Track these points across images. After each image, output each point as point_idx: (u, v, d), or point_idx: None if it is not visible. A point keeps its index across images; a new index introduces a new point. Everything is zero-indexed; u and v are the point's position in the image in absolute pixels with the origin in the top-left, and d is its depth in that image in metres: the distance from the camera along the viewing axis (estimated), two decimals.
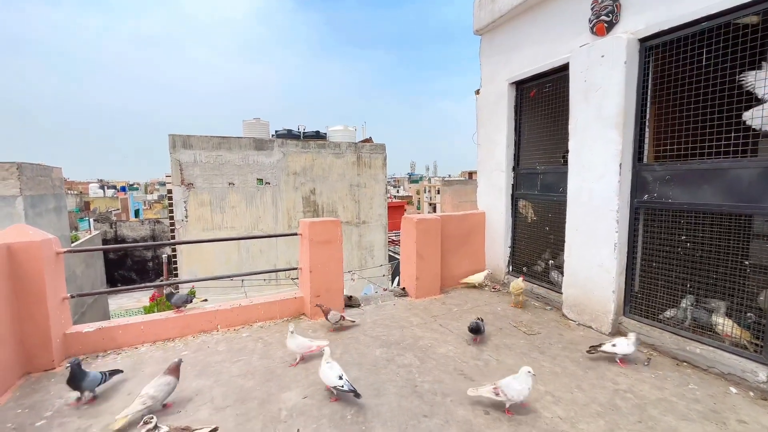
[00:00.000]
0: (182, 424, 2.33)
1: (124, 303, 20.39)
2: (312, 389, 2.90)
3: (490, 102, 5.57)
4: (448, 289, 5.35)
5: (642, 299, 3.77)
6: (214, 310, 3.99)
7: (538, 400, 2.77)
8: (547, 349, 3.58)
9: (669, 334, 3.45)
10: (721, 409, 2.66)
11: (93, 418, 2.55)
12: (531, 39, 4.82)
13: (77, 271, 13.71)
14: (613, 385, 2.96)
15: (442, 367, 3.24)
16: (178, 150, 12.40)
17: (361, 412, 2.63)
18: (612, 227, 3.76)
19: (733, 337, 3.10)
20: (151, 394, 2.49)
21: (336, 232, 4.38)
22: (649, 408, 2.67)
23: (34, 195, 11.53)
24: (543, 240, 5.06)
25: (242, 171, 13.30)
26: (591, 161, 3.96)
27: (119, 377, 3.01)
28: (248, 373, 3.13)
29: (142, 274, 25.92)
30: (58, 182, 13.97)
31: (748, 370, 2.90)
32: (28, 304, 3.07)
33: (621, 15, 3.71)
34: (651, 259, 3.74)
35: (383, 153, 15.79)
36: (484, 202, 5.81)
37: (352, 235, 15.17)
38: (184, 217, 12.63)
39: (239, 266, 13.29)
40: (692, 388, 2.91)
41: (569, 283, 4.31)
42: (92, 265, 15.97)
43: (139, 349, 3.55)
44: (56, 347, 3.21)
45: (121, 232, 27.08)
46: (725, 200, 3.12)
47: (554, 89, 4.66)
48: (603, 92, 3.77)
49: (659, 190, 3.56)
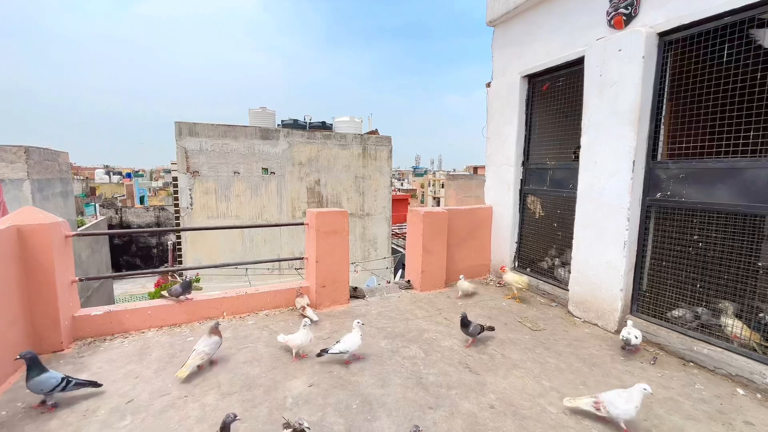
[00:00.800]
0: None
1: (129, 288, 20.60)
2: (318, 378, 2.91)
3: (501, 95, 5.49)
4: (453, 283, 5.34)
5: (650, 298, 3.74)
6: (221, 298, 4.01)
7: (543, 396, 2.76)
8: (552, 345, 3.58)
9: (676, 334, 3.43)
10: (728, 410, 2.64)
11: (100, 400, 2.58)
12: (546, 31, 4.72)
13: (83, 255, 13.85)
14: (619, 383, 2.95)
15: (447, 360, 3.24)
16: (184, 137, 12.40)
17: (367, 402, 2.64)
18: (622, 225, 3.72)
19: (741, 339, 3.07)
20: (206, 351, 2.93)
21: (343, 223, 4.37)
22: (655, 407, 2.66)
23: (41, 179, 11.61)
24: (550, 236, 5.03)
25: (248, 160, 13.29)
26: (604, 158, 3.90)
27: (93, 391, 2.62)
28: (254, 360, 3.15)
29: (147, 261, 26.12)
30: (65, 167, 14.05)
31: (756, 372, 2.88)
32: (38, 286, 3.09)
33: (640, 8, 3.61)
34: (661, 258, 3.71)
35: (389, 145, 15.71)
36: (492, 197, 5.77)
37: (356, 226, 15.18)
38: (189, 205, 12.67)
39: (243, 256, 13.37)
40: (699, 388, 2.89)
41: (576, 280, 4.28)
42: (98, 251, 16.13)
43: (146, 334, 3.57)
44: (65, 329, 3.24)
45: (126, 218, 27.25)
46: (741, 200, 3.07)
47: (567, 83, 4.58)
48: (619, 87, 3.70)
49: (672, 189, 3.51)
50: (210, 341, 2.99)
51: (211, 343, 2.99)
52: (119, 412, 2.47)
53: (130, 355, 3.18)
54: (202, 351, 2.92)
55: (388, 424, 2.43)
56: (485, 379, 2.96)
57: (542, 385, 2.90)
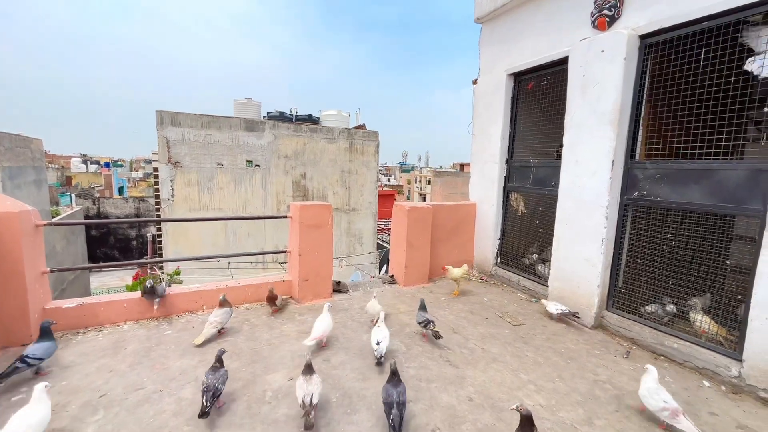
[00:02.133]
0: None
1: (106, 281, 20.00)
2: (298, 371, 2.88)
3: (487, 92, 5.52)
4: (436, 278, 5.39)
5: (625, 294, 3.86)
6: (200, 290, 3.94)
7: (521, 388, 2.82)
8: (531, 339, 3.65)
9: (649, 329, 3.55)
10: (694, 402, 2.76)
11: (72, 394, 2.51)
12: (532, 30, 4.77)
13: (57, 247, 13.35)
14: (594, 376, 3.03)
15: (428, 354, 3.27)
16: (166, 127, 12.04)
17: (347, 396, 2.64)
18: (601, 223, 3.81)
19: (709, 333, 3.20)
20: (218, 320, 3.30)
21: (327, 217, 4.34)
22: (627, 398, 2.76)
23: (13, 166, 11.11)
24: (532, 233, 5.11)
25: (232, 152, 13.02)
26: (585, 157, 3.98)
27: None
28: (233, 353, 3.11)
29: (126, 253, 25.39)
30: (39, 154, 13.47)
31: (721, 365, 3.01)
32: (5, 276, 2.97)
33: (623, 10, 3.68)
34: (636, 255, 3.82)
35: (376, 140, 15.64)
36: (476, 193, 5.82)
37: (342, 221, 15.10)
38: (171, 197, 12.35)
39: (226, 249, 13.12)
40: (668, 381, 3.00)
41: (555, 277, 4.37)
42: (73, 242, 15.57)
43: (122, 327, 3.48)
44: (34, 322, 3.12)
45: (104, 209, 26.37)
46: (712, 200, 3.18)
47: (552, 83, 4.64)
48: (600, 88, 3.77)
49: (649, 188, 3.61)
50: (221, 311, 3.35)
51: (222, 313, 3.35)
52: (91, 407, 2.40)
53: (104, 348, 3.10)
54: (214, 320, 3.30)
55: (368, 416, 2.44)
56: (465, 373, 3.00)
57: (520, 378, 2.96)
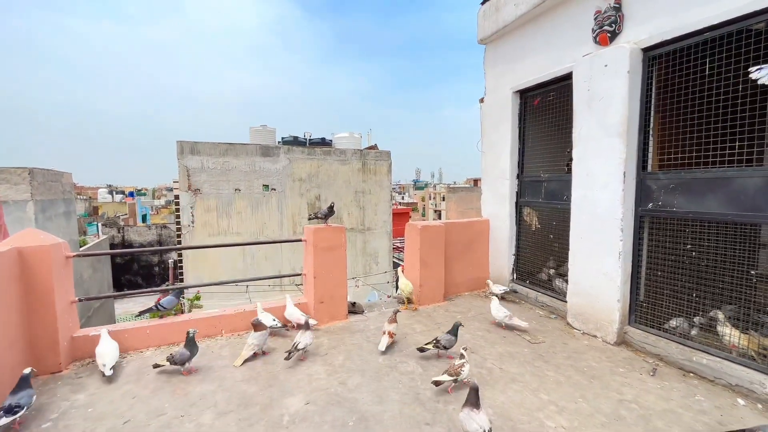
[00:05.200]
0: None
1: (130, 308, 20.49)
2: (315, 395, 2.90)
3: (494, 110, 5.60)
4: (452, 297, 5.34)
5: (647, 308, 3.74)
6: (219, 315, 4.02)
7: (542, 409, 2.74)
8: (551, 358, 3.56)
9: (675, 345, 3.41)
10: (729, 422, 2.61)
11: (98, 420, 2.58)
12: (535, 48, 4.86)
13: (84, 275, 13.87)
14: (618, 395, 2.92)
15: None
16: (186, 156, 12.57)
17: (364, 419, 2.63)
18: (616, 236, 3.75)
19: (740, 348, 3.06)
20: (255, 342, 3.48)
21: (340, 239, 4.41)
22: (655, 419, 2.64)
23: (45, 200, 11.73)
24: (547, 248, 5.05)
25: (248, 177, 13.42)
26: (595, 170, 3.96)
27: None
28: (251, 378, 3.15)
29: (148, 279, 26.10)
30: (68, 187, 14.21)
31: (756, 381, 2.86)
32: (38, 307, 3.13)
33: (624, 25, 3.73)
34: (656, 267, 3.72)
35: (388, 160, 15.85)
36: (488, 210, 5.82)
37: (357, 241, 15.18)
38: (191, 223, 12.75)
39: (244, 272, 13.34)
40: (699, 400, 2.87)
41: (573, 292, 4.28)
42: (99, 270, 16.14)
43: (144, 353, 3.58)
44: (63, 350, 3.25)
45: (128, 236, 27.35)
46: (730, 209, 3.10)
47: (558, 98, 4.68)
48: (606, 101, 3.79)
49: (663, 199, 3.55)
50: (257, 335, 3.54)
51: (258, 336, 3.53)
52: None
53: (128, 374, 3.19)
54: (252, 343, 3.49)
55: None
56: (483, 394, 2.92)
57: (540, 398, 2.88)
